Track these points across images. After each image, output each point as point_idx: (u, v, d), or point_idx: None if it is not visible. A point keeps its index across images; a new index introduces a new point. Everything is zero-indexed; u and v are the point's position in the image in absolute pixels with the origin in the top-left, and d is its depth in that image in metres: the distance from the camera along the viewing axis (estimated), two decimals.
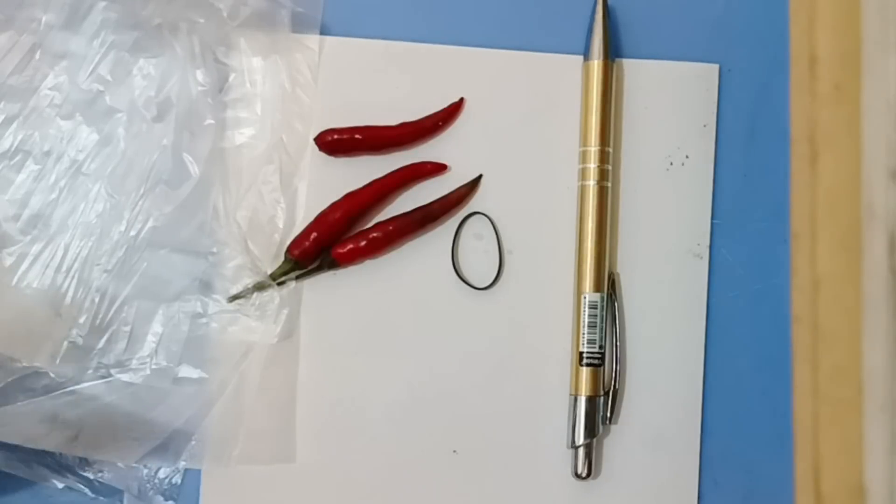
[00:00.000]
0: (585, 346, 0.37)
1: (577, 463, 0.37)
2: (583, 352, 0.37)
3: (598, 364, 0.37)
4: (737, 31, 0.40)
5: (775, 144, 0.40)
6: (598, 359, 0.37)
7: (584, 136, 0.38)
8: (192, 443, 0.37)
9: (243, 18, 0.38)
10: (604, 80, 0.38)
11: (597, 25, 0.38)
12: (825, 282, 0.20)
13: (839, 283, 0.20)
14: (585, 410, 0.37)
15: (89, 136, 0.38)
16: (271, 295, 0.38)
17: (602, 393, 0.37)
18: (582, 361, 0.37)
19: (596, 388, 0.37)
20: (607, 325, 0.38)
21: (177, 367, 0.38)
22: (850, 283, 0.20)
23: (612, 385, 0.38)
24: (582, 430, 0.37)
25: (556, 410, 0.38)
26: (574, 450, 0.37)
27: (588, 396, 0.37)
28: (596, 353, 0.37)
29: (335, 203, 0.38)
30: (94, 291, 0.37)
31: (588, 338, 0.37)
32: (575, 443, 0.37)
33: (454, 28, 0.40)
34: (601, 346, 0.38)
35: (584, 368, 0.37)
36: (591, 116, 0.38)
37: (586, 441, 0.37)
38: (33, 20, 0.38)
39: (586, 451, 0.37)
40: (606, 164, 0.38)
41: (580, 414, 0.37)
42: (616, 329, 0.38)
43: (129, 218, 0.38)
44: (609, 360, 0.38)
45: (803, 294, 0.21)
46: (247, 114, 0.39)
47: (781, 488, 0.39)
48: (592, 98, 0.38)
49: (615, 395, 0.38)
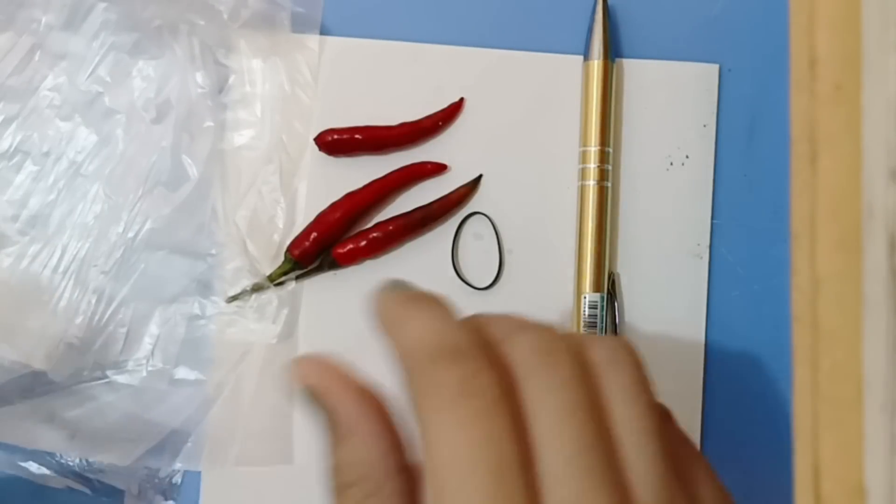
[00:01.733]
0: None
1: None
2: None
3: None
4: (737, 31, 0.40)
5: (775, 144, 0.40)
6: None
7: (585, 136, 0.38)
8: (189, 444, 0.37)
9: (244, 20, 0.38)
10: (603, 81, 0.38)
11: (596, 25, 0.38)
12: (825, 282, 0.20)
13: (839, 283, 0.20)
14: None
15: (88, 138, 0.38)
16: (270, 296, 0.38)
17: None
18: None
19: None
20: (607, 325, 0.38)
21: (174, 368, 0.38)
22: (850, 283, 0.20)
23: None
24: None
25: None
26: None
27: None
28: None
29: (335, 203, 0.38)
30: (91, 292, 0.37)
31: None
32: None
33: (454, 28, 0.40)
34: None
35: None
36: (591, 116, 0.38)
37: None
38: (33, 21, 0.38)
39: None
40: (606, 164, 0.38)
41: None
42: (616, 329, 0.38)
43: (127, 219, 0.38)
44: None
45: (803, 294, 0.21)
46: (246, 115, 0.39)
47: (781, 488, 0.39)
48: (592, 98, 0.38)
49: None
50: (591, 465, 0.20)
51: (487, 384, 0.21)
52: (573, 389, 0.22)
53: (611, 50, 0.38)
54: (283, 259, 0.38)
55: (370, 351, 0.39)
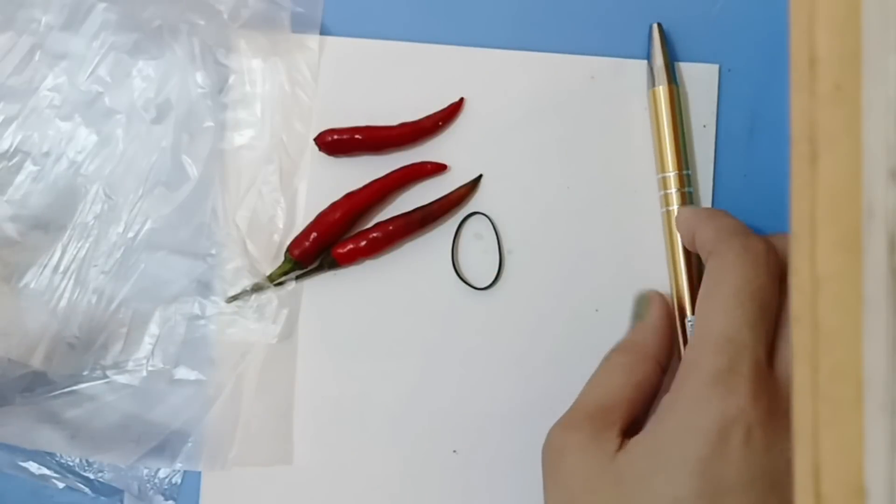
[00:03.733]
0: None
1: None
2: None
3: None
4: (737, 31, 0.40)
5: (775, 144, 0.40)
6: None
7: (661, 163, 0.38)
8: (189, 444, 0.37)
9: (244, 20, 0.38)
10: (671, 104, 0.38)
11: (656, 51, 0.39)
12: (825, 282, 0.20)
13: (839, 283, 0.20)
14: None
15: (88, 138, 0.38)
16: (270, 296, 0.38)
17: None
18: None
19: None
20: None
21: (174, 368, 0.38)
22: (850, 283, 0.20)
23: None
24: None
25: (557, 410, 0.38)
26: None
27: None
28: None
29: (335, 203, 0.38)
30: (91, 292, 0.37)
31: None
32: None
33: (454, 28, 0.40)
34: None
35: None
36: (665, 142, 0.38)
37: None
38: (33, 21, 0.38)
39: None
40: (687, 188, 0.38)
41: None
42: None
43: (127, 219, 0.38)
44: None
45: (803, 294, 0.21)
46: (246, 115, 0.39)
47: None
48: (663, 124, 0.38)
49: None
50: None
51: (763, 250, 0.31)
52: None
53: (674, 74, 0.38)
54: (283, 259, 0.38)
55: (370, 351, 0.39)
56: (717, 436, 0.28)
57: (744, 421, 0.28)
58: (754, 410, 0.28)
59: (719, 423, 0.28)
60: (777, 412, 0.29)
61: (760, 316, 0.30)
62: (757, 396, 0.29)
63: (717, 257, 0.32)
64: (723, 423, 0.28)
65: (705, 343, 0.30)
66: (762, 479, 0.28)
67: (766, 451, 0.28)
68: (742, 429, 0.28)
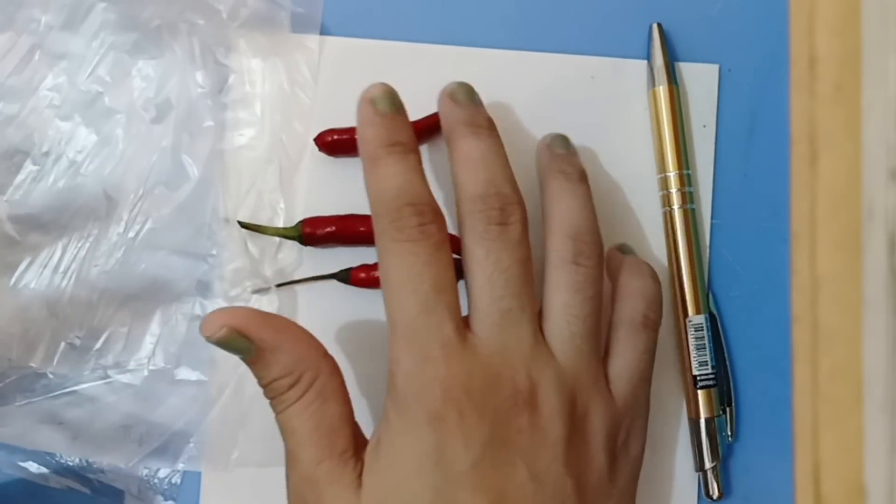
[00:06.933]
0: (697, 369, 0.37)
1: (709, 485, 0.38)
2: (696, 375, 0.37)
3: (714, 385, 0.38)
4: (737, 31, 0.40)
5: (775, 144, 0.40)
6: (713, 379, 0.38)
7: (662, 163, 0.38)
8: (191, 445, 0.37)
9: (243, 19, 0.38)
10: (671, 104, 0.38)
11: (656, 52, 0.39)
12: (825, 282, 0.20)
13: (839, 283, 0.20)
14: (707, 432, 0.37)
15: (88, 137, 0.38)
16: (270, 297, 0.38)
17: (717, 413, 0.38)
18: (697, 385, 0.37)
19: (713, 409, 0.37)
20: (713, 345, 0.38)
21: (175, 368, 0.38)
22: (850, 283, 0.20)
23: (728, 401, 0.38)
24: (709, 453, 0.37)
25: None
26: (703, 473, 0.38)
27: (708, 418, 0.37)
28: (709, 374, 0.37)
29: (367, 217, 0.36)
30: (91, 293, 0.37)
31: (699, 360, 0.37)
32: (704, 466, 0.38)
33: (454, 28, 0.40)
34: (713, 366, 0.38)
35: (701, 391, 0.37)
36: (666, 142, 0.38)
37: (713, 464, 0.37)
38: (33, 21, 0.38)
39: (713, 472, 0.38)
40: (688, 187, 0.38)
41: (703, 437, 0.37)
42: (723, 347, 0.38)
43: (127, 219, 0.38)
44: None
45: (803, 294, 0.21)
46: (246, 115, 0.39)
47: (781, 488, 0.39)
48: (664, 124, 0.38)
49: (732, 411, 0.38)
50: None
51: (436, 230, 0.31)
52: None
53: (674, 74, 0.38)
54: (290, 228, 0.38)
55: (371, 352, 0.39)
56: (430, 428, 0.29)
57: (453, 404, 0.29)
58: (456, 383, 0.29)
59: (428, 422, 0.29)
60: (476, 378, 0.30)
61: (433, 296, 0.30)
62: (453, 372, 0.29)
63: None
64: (431, 417, 0.29)
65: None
66: (486, 451, 0.29)
67: (480, 420, 0.29)
68: (454, 409, 0.29)
